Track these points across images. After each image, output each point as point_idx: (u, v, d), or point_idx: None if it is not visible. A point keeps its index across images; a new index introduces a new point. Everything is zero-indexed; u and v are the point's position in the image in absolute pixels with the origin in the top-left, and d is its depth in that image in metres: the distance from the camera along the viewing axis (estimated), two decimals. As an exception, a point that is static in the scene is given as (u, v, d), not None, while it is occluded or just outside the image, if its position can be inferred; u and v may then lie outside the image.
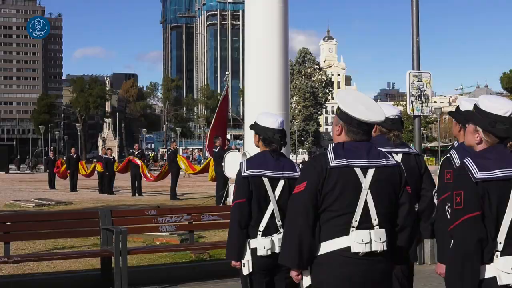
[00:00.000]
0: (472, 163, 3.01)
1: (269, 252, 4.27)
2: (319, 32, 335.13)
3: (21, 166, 74.73)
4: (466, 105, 4.20)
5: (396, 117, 4.94)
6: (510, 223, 2.94)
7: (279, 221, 4.33)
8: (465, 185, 3.01)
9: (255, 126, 4.52)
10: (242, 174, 4.39)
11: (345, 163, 3.34)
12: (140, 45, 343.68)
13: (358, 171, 3.35)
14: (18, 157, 77.01)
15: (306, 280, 3.42)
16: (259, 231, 4.30)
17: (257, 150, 4.59)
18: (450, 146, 4.79)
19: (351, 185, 3.33)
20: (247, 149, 11.20)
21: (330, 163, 3.34)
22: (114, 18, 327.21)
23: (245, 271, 4.33)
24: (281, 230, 4.32)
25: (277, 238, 4.29)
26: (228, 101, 19.53)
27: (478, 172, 2.97)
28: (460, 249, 2.94)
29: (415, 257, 3.73)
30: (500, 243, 2.94)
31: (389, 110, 4.95)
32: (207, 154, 21.50)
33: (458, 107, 4.35)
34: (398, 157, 4.81)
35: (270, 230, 4.32)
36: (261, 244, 4.27)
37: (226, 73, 24.16)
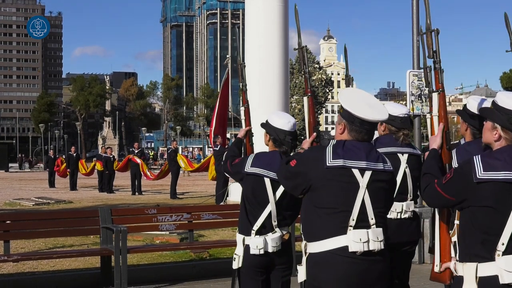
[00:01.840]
0: (480, 161, 3.02)
1: (261, 251, 4.27)
2: (318, 32, 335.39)
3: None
4: (473, 104, 4.16)
5: (406, 116, 4.88)
6: None
7: (275, 221, 4.32)
8: (459, 175, 3.08)
9: (266, 125, 4.46)
10: (245, 169, 4.39)
11: (342, 164, 3.33)
12: (139, 44, 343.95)
13: (355, 171, 3.34)
14: (20, 155, 76.86)
15: (301, 275, 3.43)
16: (253, 230, 4.30)
17: (264, 148, 4.56)
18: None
19: (347, 184, 3.33)
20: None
21: (327, 163, 3.34)
22: (114, 16, 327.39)
23: (235, 265, 4.35)
24: (276, 229, 4.32)
25: (271, 237, 4.29)
26: (229, 84, 19.42)
27: (482, 172, 2.98)
28: (423, 193, 3.34)
29: None
30: (503, 244, 2.95)
31: (399, 109, 4.89)
32: (207, 152, 21.45)
33: (465, 105, 4.29)
34: (404, 158, 4.78)
35: (265, 229, 4.31)
36: (254, 243, 4.27)
37: (227, 56, 23.84)
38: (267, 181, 4.31)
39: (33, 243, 10.56)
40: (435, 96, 3.75)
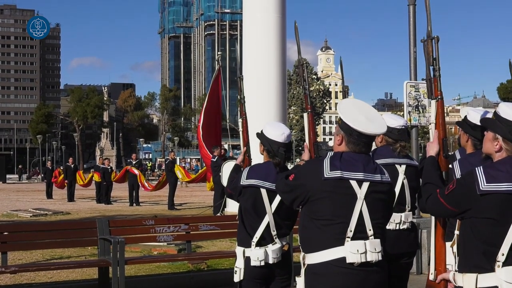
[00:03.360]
0: (482, 173, 3.02)
1: (262, 263, 4.28)
2: (316, 42, 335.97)
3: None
4: (474, 115, 4.15)
5: (403, 127, 4.90)
6: None
7: (274, 231, 4.33)
8: (461, 187, 3.09)
9: (261, 136, 4.50)
10: (241, 182, 4.41)
11: (339, 175, 3.34)
12: (137, 55, 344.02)
13: (353, 183, 3.35)
14: (20, 166, 76.72)
15: (300, 286, 3.43)
16: (253, 241, 4.31)
17: (259, 158, 4.59)
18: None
19: (345, 196, 3.33)
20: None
21: (324, 174, 3.34)
22: (111, 27, 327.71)
23: (236, 278, 4.36)
24: (276, 240, 4.34)
25: (271, 249, 4.30)
26: (221, 83, 19.34)
27: (485, 184, 2.99)
28: (425, 203, 3.35)
29: None
30: (503, 254, 2.96)
31: (396, 120, 4.91)
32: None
33: (466, 117, 4.27)
34: (402, 169, 4.80)
35: (265, 240, 4.33)
36: (255, 255, 4.28)
37: (218, 53, 23.51)
38: (264, 192, 4.34)
39: (30, 254, 10.53)
40: (433, 103, 3.76)
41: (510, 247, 2.96)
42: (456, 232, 3.49)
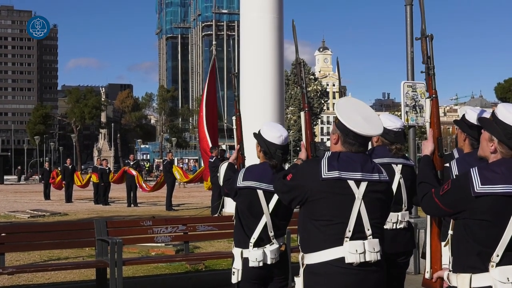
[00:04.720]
0: (477, 174, 3.01)
1: (261, 264, 4.27)
2: (313, 43, 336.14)
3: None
4: (472, 114, 4.14)
5: (399, 130, 4.90)
6: (511, 238, 2.96)
7: (271, 232, 4.34)
8: (456, 188, 3.09)
9: (258, 137, 4.48)
10: (237, 184, 4.40)
11: (337, 175, 3.34)
12: (134, 55, 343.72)
13: (351, 183, 3.35)
14: (19, 167, 76.59)
15: (299, 286, 3.42)
16: (251, 242, 4.31)
17: (253, 156, 4.58)
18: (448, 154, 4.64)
19: (343, 196, 3.33)
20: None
21: (322, 175, 3.34)
22: (108, 28, 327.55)
23: (234, 279, 4.35)
24: (274, 241, 4.34)
25: (269, 249, 4.30)
26: (216, 74, 19.29)
27: (480, 186, 2.98)
28: (420, 202, 3.37)
29: None
30: (498, 255, 2.97)
31: (393, 122, 4.89)
32: (203, 164, 21.43)
33: (464, 116, 4.25)
34: (398, 168, 4.81)
35: (263, 241, 4.33)
36: (253, 256, 4.28)
37: (214, 42, 23.20)
38: (260, 193, 4.33)
39: (28, 255, 10.53)
40: (427, 102, 3.76)
41: (506, 248, 2.96)
42: (450, 232, 3.50)
